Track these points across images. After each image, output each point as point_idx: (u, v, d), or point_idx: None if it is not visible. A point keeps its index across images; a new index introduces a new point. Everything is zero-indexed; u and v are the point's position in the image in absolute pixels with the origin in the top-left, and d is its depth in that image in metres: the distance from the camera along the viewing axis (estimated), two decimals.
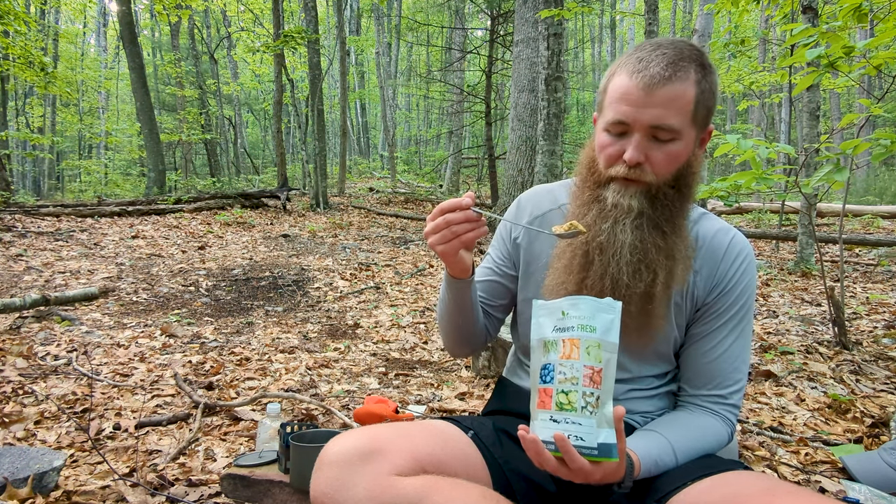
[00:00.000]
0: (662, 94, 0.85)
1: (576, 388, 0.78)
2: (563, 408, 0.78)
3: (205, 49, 17.53)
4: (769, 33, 12.40)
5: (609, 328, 0.80)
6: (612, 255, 0.91)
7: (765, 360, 2.79)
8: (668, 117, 0.86)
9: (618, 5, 23.51)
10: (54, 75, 10.00)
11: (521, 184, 7.43)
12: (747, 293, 0.99)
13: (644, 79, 0.86)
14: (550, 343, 0.82)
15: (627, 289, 0.91)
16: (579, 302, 0.82)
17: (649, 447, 0.89)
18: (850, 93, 16.68)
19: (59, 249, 5.89)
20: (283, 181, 10.98)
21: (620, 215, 0.91)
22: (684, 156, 0.91)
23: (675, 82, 0.86)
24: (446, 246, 0.92)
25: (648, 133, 0.88)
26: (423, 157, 20.85)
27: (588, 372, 0.78)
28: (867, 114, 3.33)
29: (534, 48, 7.10)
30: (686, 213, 0.95)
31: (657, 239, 0.91)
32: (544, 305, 0.85)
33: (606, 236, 0.92)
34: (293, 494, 1.39)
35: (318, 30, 11.42)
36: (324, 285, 5.05)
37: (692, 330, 1.02)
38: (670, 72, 0.86)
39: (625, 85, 0.88)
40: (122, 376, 2.67)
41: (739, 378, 1.00)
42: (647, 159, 0.89)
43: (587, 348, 0.79)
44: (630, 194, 0.91)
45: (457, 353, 1.17)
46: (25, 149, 17.57)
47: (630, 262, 0.91)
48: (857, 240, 6.40)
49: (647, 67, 0.86)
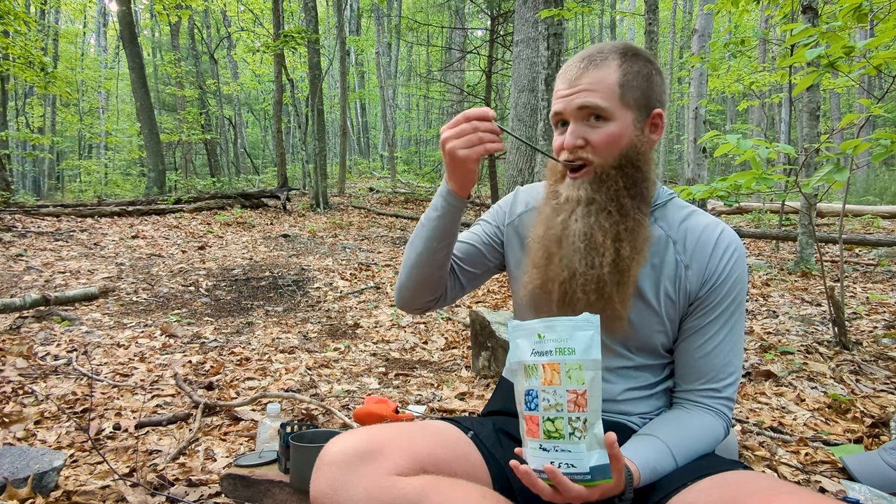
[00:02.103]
0: (583, 80, 0.95)
1: (561, 415, 0.77)
2: (550, 436, 0.78)
3: (205, 49, 17.53)
4: (769, 33, 12.40)
5: (589, 346, 0.79)
6: (567, 245, 0.96)
7: (765, 360, 2.79)
8: (590, 97, 0.94)
9: (618, 5, 23.50)
10: (54, 75, 10.00)
11: (520, 184, 7.42)
12: (738, 286, 1.01)
13: (569, 72, 0.98)
14: (530, 367, 0.81)
15: (583, 277, 0.95)
16: (555, 324, 0.81)
17: (647, 455, 0.89)
18: (850, 93, 16.68)
19: (59, 249, 5.89)
20: (283, 181, 10.98)
21: (572, 207, 0.97)
22: (624, 137, 0.96)
23: (592, 69, 0.96)
24: (471, 150, 0.93)
25: (579, 117, 0.96)
26: (423, 157, 20.85)
27: (572, 396, 0.77)
28: (867, 114, 3.33)
29: (534, 48, 7.10)
30: (635, 193, 0.97)
31: (602, 222, 0.95)
32: (520, 326, 0.85)
33: (560, 229, 0.98)
34: (293, 494, 1.39)
35: (318, 30, 11.42)
36: (324, 285, 5.05)
37: (685, 325, 1.02)
38: (586, 63, 0.96)
39: (558, 83, 1.00)
40: (122, 376, 2.67)
41: (733, 371, 1.00)
42: (587, 142, 0.96)
43: (568, 372, 0.78)
44: (578, 186, 0.97)
45: (408, 298, 1.11)
46: (25, 149, 17.58)
47: (579, 250, 0.95)
48: (857, 240, 6.40)
49: (569, 67, 0.99)
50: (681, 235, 1.01)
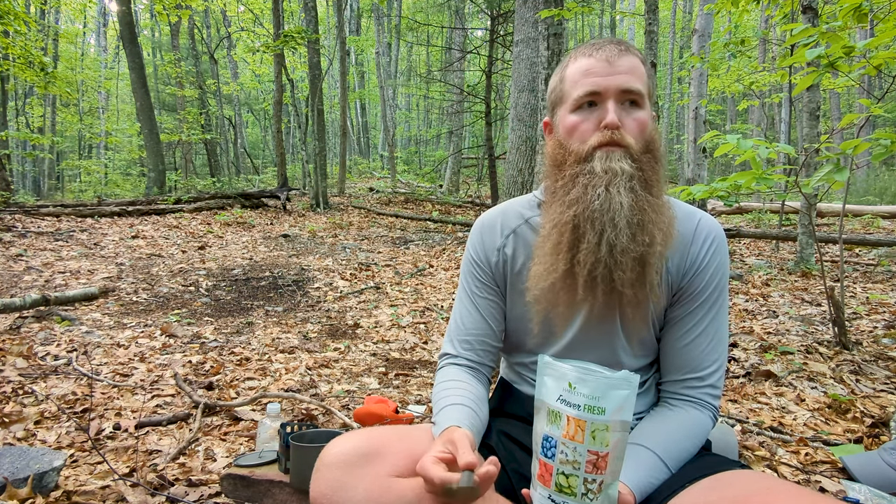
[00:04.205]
0: (624, 62, 0.93)
1: (577, 473, 0.74)
2: (562, 490, 0.75)
3: (205, 49, 17.53)
4: (769, 33, 12.40)
5: (622, 406, 0.74)
6: (609, 220, 0.88)
7: (765, 360, 2.79)
8: (633, 81, 0.93)
9: (618, 5, 23.50)
10: (54, 75, 9.99)
11: (521, 184, 7.42)
12: (720, 273, 0.99)
13: (604, 53, 0.94)
14: (554, 414, 0.76)
15: (624, 253, 0.88)
16: (588, 378, 0.75)
17: (639, 473, 0.87)
18: (850, 93, 16.68)
19: (59, 249, 5.89)
20: (283, 181, 10.98)
21: (613, 178, 0.89)
22: (648, 127, 0.95)
23: (630, 55, 0.95)
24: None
25: (619, 97, 0.93)
26: (423, 157, 20.85)
27: (592, 458, 0.73)
28: (867, 114, 3.33)
29: (534, 48, 7.10)
30: (663, 179, 0.96)
31: (651, 199, 0.91)
32: (551, 365, 0.79)
33: (601, 201, 0.89)
34: (293, 494, 1.39)
35: (318, 30, 11.42)
36: (324, 285, 5.05)
37: (668, 315, 1.01)
38: (623, 47, 0.95)
39: (586, 64, 0.95)
40: (122, 376, 2.67)
41: (716, 359, 0.99)
42: (623, 125, 0.92)
43: (593, 432, 0.73)
44: (617, 157, 0.90)
45: None
46: (25, 149, 17.58)
47: (630, 224, 0.88)
48: (857, 240, 6.40)
49: (602, 47, 0.95)
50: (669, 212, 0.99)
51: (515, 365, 1.14)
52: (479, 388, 1.04)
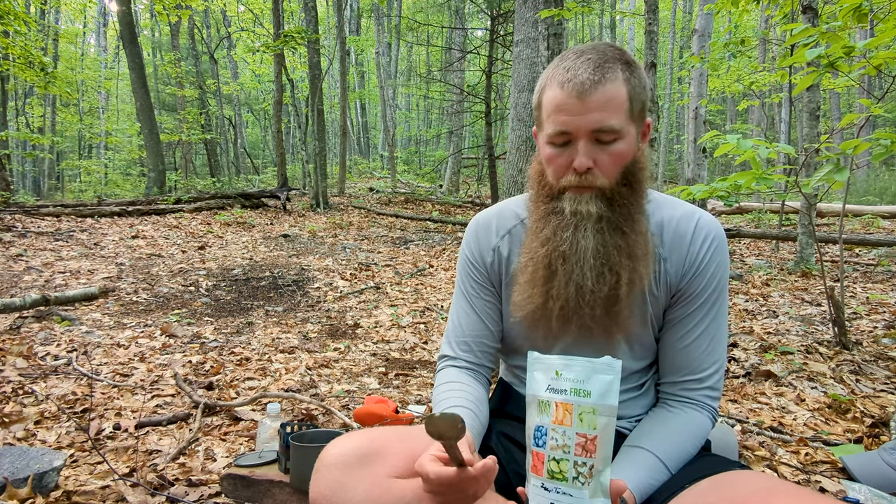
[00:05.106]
0: (596, 98, 0.86)
1: (567, 457, 0.75)
2: (554, 476, 0.76)
3: (205, 49, 17.53)
4: (769, 33, 12.39)
5: (606, 391, 0.76)
6: (576, 262, 0.91)
7: (765, 360, 2.79)
8: (607, 119, 0.87)
9: (618, 5, 23.49)
10: (54, 75, 9.99)
11: (520, 184, 7.42)
12: (719, 274, 0.99)
13: (575, 87, 0.87)
14: (544, 403, 0.79)
15: (592, 294, 0.91)
16: (573, 363, 0.78)
17: (639, 474, 0.87)
18: (850, 93, 16.68)
19: (59, 249, 5.89)
20: (283, 181, 10.98)
21: (581, 221, 0.91)
22: (629, 154, 0.92)
23: (606, 84, 0.87)
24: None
25: (591, 137, 0.89)
26: (423, 157, 20.85)
27: (580, 440, 0.75)
28: (867, 114, 3.33)
29: (534, 48, 7.09)
30: (641, 209, 0.95)
31: (618, 240, 0.91)
32: (539, 359, 0.83)
33: (568, 244, 0.91)
34: (293, 494, 1.39)
35: (318, 30, 11.42)
36: (324, 285, 5.05)
37: (667, 316, 1.01)
38: (599, 75, 0.87)
39: (558, 97, 0.89)
40: (122, 376, 2.67)
41: (716, 360, 0.99)
42: (596, 163, 0.90)
43: (580, 414, 0.76)
44: (585, 200, 0.91)
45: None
46: (25, 149, 17.57)
47: (594, 267, 0.90)
48: (857, 240, 6.40)
49: (576, 76, 0.87)
50: (657, 228, 0.99)
51: (513, 367, 1.15)
52: (478, 390, 1.04)
